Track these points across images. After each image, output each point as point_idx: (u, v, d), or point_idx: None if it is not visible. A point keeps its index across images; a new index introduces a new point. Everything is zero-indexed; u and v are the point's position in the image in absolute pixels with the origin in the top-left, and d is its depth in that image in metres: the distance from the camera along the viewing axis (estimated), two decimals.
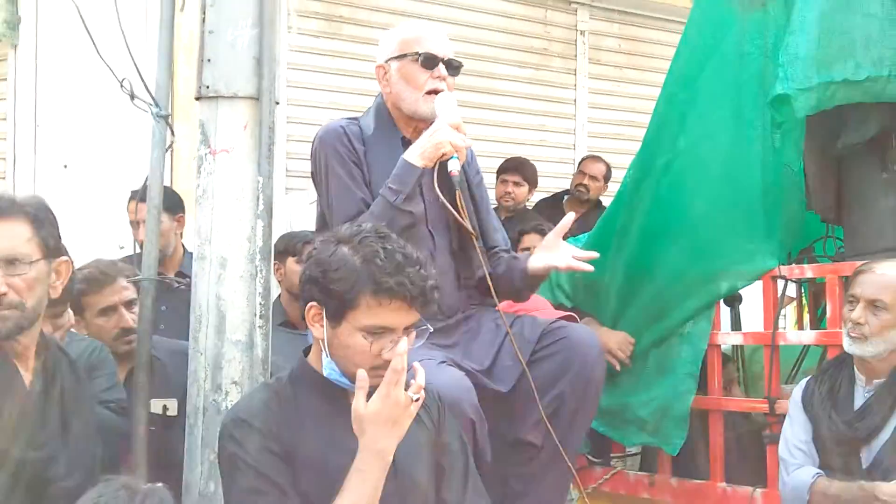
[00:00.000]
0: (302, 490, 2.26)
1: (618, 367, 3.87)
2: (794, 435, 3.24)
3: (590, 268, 3.20)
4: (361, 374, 2.19)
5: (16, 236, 2.32)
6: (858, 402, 3.18)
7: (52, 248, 2.39)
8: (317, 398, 2.35)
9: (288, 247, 4.51)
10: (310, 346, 2.42)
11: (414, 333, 2.31)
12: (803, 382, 3.35)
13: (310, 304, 2.31)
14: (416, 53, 3.13)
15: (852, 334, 3.14)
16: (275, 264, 4.60)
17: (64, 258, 2.45)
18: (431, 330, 2.38)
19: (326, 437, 2.31)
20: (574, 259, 3.16)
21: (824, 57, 3.34)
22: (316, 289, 2.28)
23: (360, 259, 2.25)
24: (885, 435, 3.08)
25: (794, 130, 3.51)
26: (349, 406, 2.32)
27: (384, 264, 2.23)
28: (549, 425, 2.96)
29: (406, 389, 2.22)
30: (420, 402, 2.24)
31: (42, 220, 2.38)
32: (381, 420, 2.17)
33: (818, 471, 3.13)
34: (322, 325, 2.30)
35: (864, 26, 3.32)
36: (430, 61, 3.14)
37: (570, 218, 3.28)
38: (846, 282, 3.37)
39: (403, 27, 3.29)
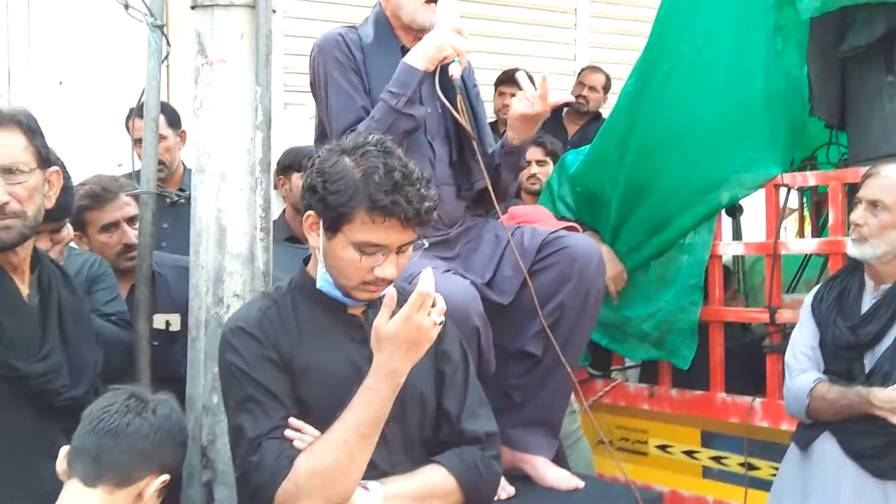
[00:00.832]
0: (299, 397, 2.27)
1: (614, 299, 3.87)
2: (802, 340, 3.24)
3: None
4: (391, 293, 2.17)
5: (13, 145, 2.30)
6: (865, 307, 3.16)
7: (45, 157, 2.38)
8: (315, 307, 2.36)
9: (293, 162, 4.47)
10: (310, 256, 2.42)
11: (409, 251, 2.30)
12: (815, 289, 3.34)
13: (308, 212, 2.31)
14: None
15: (852, 236, 3.13)
16: (280, 179, 4.59)
17: (55, 168, 2.43)
18: (426, 246, 2.37)
19: (325, 345, 2.32)
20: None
21: None
22: (314, 198, 2.27)
23: (360, 173, 2.22)
24: (888, 341, 3.07)
25: (796, 33, 3.46)
26: (346, 316, 2.35)
27: (382, 181, 2.20)
28: (550, 335, 2.97)
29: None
30: (441, 325, 2.22)
31: (34, 129, 2.37)
32: (400, 341, 2.16)
33: (820, 375, 3.14)
34: (318, 235, 2.30)
35: None
36: None
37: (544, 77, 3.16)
38: (849, 189, 3.35)
39: None
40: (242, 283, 2.77)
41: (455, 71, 3.00)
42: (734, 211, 4.19)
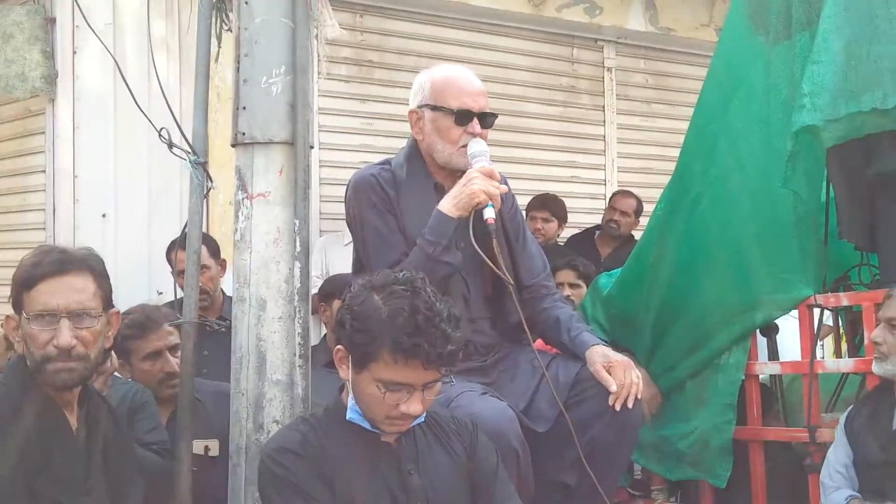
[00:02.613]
0: None
1: (647, 422, 3.88)
2: (836, 459, 3.29)
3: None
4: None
5: (84, 290, 2.39)
6: None
7: (109, 300, 2.47)
8: (349, 434, 2.41)
9: (334, 289, 4.58)
10: (344, 384, 2.47)
11: (436, 387, 2.35)
12: (849, 409, 3.38)
13: (338, 346, 2.38)
14: (450, 110, 3.14)
15: (874, 355, 3.18)
16: (321, 306, 4.70)
17: (115, 309, 2.52)
18: (453, 384, 2.41)
19: (359, 472, 2.36)
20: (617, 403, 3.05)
21: (851, 87, 3.33)
22: (343, 333, 2.35)
23: (385, 313, 2.29)
24: None
25: (806, 160, 3.53)
26: (379, 444, 2.40)
27: (405, 323, 2.26)
28: (586, 465, 2.96)
29: None
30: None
31: (102, 273, 2.46)
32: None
33: (852, 493, 3.17)
34: (347, 368, 2.36)
35: (891, 54, 3.31)
36: (464, 117, 3.14)
37: None
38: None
39: (437, 72, 3.27)
40: (282, 409, 2.81)
41: (489, 215, 3.03)
42: (769, 331, 4.18)
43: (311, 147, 2.94)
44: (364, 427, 2.38)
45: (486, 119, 3.19)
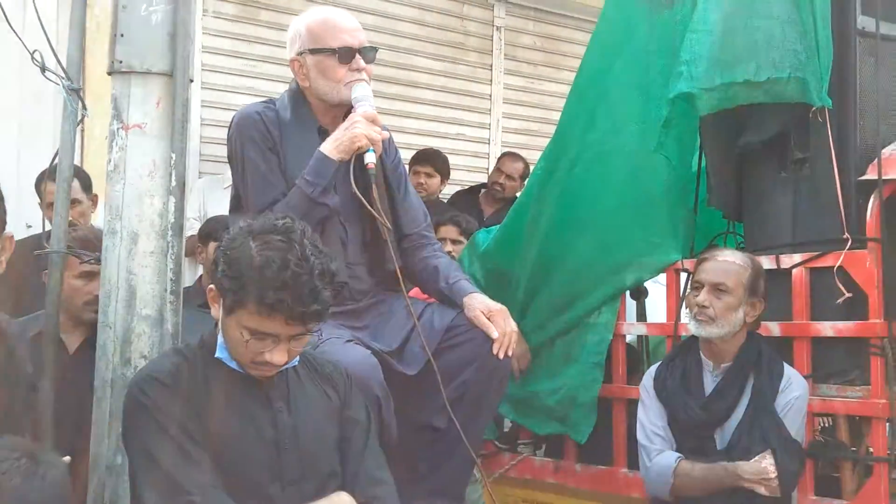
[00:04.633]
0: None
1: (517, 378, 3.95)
2: (651, 421, 3.42)
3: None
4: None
5: None
6: (709, 386, 3.39)
7: (3, 223, 2.37)
8: (217, 369, 2.41)
9: (212, 231, 4.54)
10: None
11: (304, 339, 2.37)
12: (653, 370, 3.55)
13: (211, 285, 2.38)
14: (332, 49, 3.15)
15: (699, 318, 3.34)
16: (198, 247, 4.64)
17: (10, 233, 2.41)
18: (321, 334, 2.42)
19: (224, 407, 2.36)
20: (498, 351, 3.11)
21: (727, 57, 3.44)
22: (216, 275, 2.34)
23: (257, 262, 2.28)
24: (737, 417, 3.30)
25: (678, 127, 3.64)
26: (246, 380, 2.40)
27: (274, 277, 2.25)
28: (451, 411, 3.02)
29: None
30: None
31: None
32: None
33: (679, 454, 3.32)
34: (219, 308, 2.36)
35: (765, 28, 3.42)
36: (346, 55, 3.15)
37: None
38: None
39: (311, 16, 3.27)
40: (151, 344, 2.77)
41: (370, 160, 3.06)
42: (639, 294, 4.30)
43: (191, 80, 2.88)
44: (231, 367, 2.38)
45: (368, 53, 3.21)
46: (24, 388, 2.53)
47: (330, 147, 3.06)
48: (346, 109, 3.16)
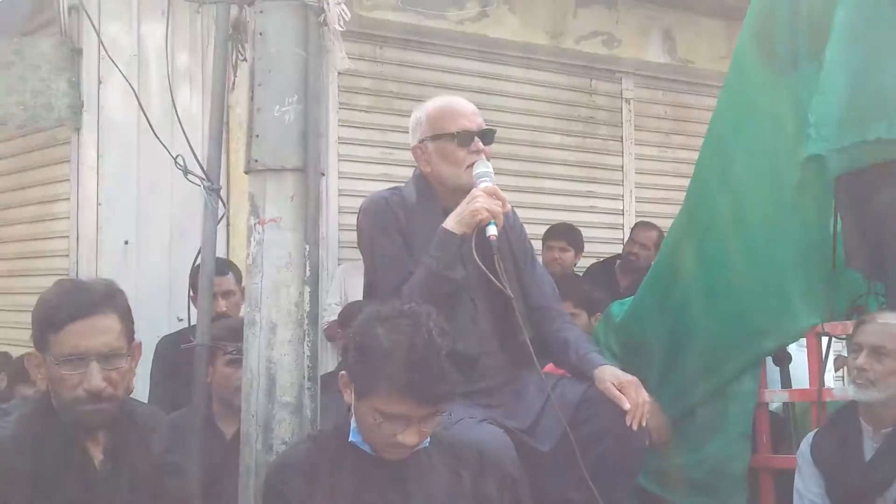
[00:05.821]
0: None
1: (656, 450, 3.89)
2: (807, 489, 3.33)
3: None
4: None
5: (111, 330, 2.37)
6: (868, 452, 3.27)
7: (132, 334, 2.45)
8: (349, 452, 2.48)
9: (350, 316, 4.63)
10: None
11: (434, 419, 2.41)
12: (810, 436, 3.45)
13: (342, 371, 2.46)
14: (451, 134, 3.25)
15: (858, 381, 3.25)
16: (339, 332, 4.77)
17: (138, 341, 2.51)
18: (451, 415, 2.46)
19: (355, 490, 2.42)
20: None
21: (856, 116, 3.40)
22: (347, 362, 2.42)
23: (385, 347, 2.36)
24: None
25: (815, 188, 3.57)
26: (377, 462, 2.45)
27: (402, 360, 2.33)
28: (591, 483, 2.99)
29: None
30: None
31: (126, 309, 2.44)
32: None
33: None
34: (351, 393, 2.44)
35: (894, 84, 3.37)
36: (465, 138, 3.24)
37: None
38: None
39: (430, 105, 3.39)
40: (291, 430, 2.85)
41: (492, 232, 3.09)
42: (782, 360, 4.21)
43: (323, 174, 3.00)
44: (365, 450, 2.45)
45: (487, 135, 3.28)
46: (159, 473, 2.57)
47: (452, 222, 3.12)
48: (468, 193, 3.23)
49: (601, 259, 6.79)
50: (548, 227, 6.36)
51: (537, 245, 6.01)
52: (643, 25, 7.26)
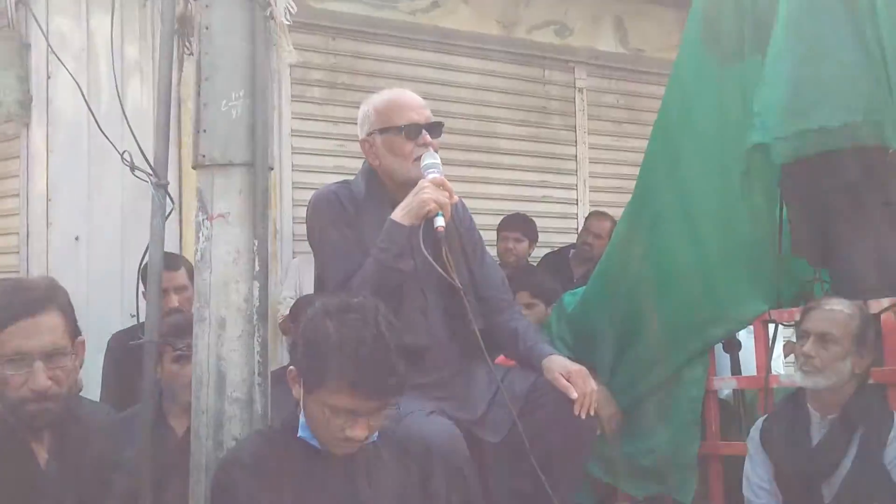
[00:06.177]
0: None
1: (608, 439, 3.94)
2: (756, 475, 3.37)
3: None
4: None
5: (54, 329, 2.36)
6: (815, 438, 3.31)
7: (76, 330, 2.45)
8: (298, 448, 2.47)
9: (301, 310, 4.63)
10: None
11: (383, 412, 2.43)
12: (760, 422, 3.48)
13: (291, 366, 2.46)
14: (399, 127, 3.26)
15: (804, 368, 3.27)
16: (291, 326, 4.74)
17: (81, 337, 2.50)
18: (399, 409, 2.48)
19: (304, 486, 2.43)
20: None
21: (799, 106, 3.44)
22: (295, 356, 2.42)
23: (334, 342, 2.36)
24: (845, 469, 3.20)
25: (763, 178, 3.62)
26: (326, 457, 2.46)
27: (351, 354, 2.33)
28: (539, 473, 3.02)
29: None
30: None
31: (67, 305, 2.43)
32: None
33: None
34: (299, 388, 2.44)
35: (837, 74, 3.42)
36: (413, 131, 3.26)
37: None
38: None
39: (377, 98, 3.41)
40: (241, 426, 2.84)
41: (439, 223, 3.12)
42: (731, 348, 4.26)
43: (271, 168, 2.99)
44: (313, 445, 2.45)
45: (434, 128, 3.30)
46: (105, 471, 2.55)
47: (400, 213, 3.14)
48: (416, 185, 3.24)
49: (555, 249, 6.82)
50: (502, 217, 6.39)
51: (491, 236, 6.04)
52: (595, 14, 7.29)
